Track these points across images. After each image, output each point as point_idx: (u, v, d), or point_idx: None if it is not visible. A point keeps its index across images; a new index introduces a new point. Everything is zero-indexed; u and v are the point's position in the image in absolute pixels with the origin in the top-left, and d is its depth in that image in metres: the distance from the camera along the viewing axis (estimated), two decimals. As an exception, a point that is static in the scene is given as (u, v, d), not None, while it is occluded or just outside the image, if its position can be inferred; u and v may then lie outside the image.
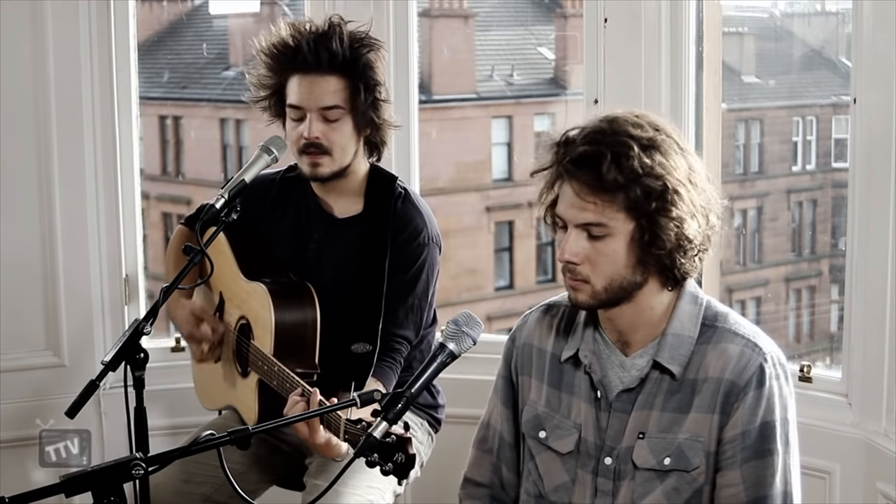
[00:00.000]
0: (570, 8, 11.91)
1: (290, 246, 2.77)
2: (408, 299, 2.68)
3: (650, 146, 1.98)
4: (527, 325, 2.24)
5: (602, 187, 1.96)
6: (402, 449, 1.88)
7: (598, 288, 2.02)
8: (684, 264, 2.02)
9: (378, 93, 2.67)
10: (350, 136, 2.66)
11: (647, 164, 1.96)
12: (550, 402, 2.16)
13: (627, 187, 1.95)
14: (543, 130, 12.38)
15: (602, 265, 2.00)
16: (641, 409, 2.06)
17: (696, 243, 2.00)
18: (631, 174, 1.95)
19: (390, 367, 2.63)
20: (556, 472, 2.14)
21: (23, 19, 3.24)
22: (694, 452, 2.02)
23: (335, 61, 2.62)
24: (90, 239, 3.35)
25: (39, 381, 3.33)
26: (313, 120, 2.63)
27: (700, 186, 2.02)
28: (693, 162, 2.03)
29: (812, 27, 9.81)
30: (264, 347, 2.63)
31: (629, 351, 2.10)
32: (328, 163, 2.65)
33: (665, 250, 1.99)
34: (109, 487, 1.76)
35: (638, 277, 2.02)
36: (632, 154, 1.96)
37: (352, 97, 2.63)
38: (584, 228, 2.00)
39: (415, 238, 2.69)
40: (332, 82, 2.63)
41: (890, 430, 2.80)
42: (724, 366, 2.02)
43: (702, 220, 2.01)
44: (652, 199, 1.96)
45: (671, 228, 1.97)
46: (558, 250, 2.05)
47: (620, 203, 1.97)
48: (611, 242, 1.99)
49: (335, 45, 2.62)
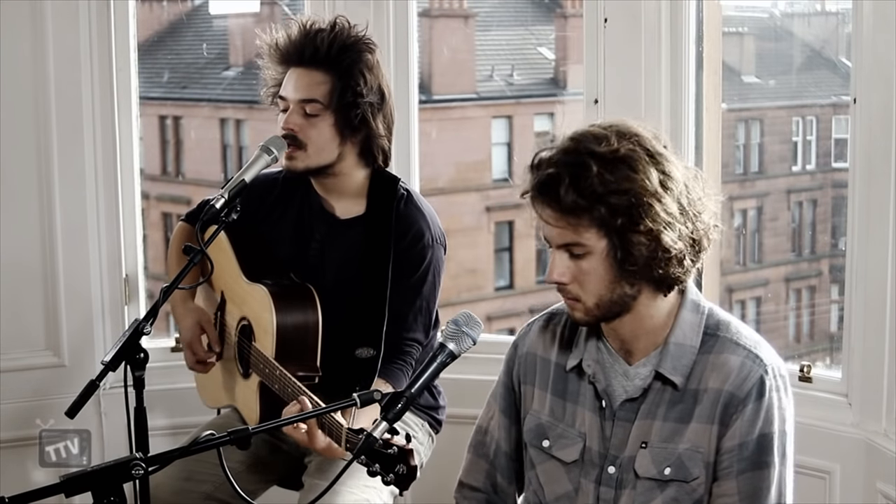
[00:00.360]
0: (570, 8, 11.91)
1: (292, 245, 2.77)
2: (415, 302, 2.67)
3: (613, 161, 1.94)
4: (530, 334, 2.24)
5: (565, 210, 1.96)
6: (403, 460, 1.88)
7: (589, 305, 2.02)
8: (669, 271, 1.99)
9: (365, 96, 2.63)
10: (330, 137, 2.64)
11: (608, 181, 1.93)
12: (554, 412, 2.16)
13: (590, 208, 1.94)
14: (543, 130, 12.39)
15: (587, 283, 2.00)
16: (644, 419, 2.06)
17: (675, 251, 1.97)
18: (591, 195, 1.93)
19: (400, 370, 2.62)
20: (558, 481, 2.13)
21: (23, 19, 3.23)
22: (694, 463, 2.02)
23: (318, 55, 2.63)
24: (90, 239, 3.35)
25: (39, 381, 3.33)
26: (292, 112, 2.64)
27: (677, 191, 1.97)
28: (669, 167, 1.98)
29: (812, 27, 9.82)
30: (265, 350, 2.62)
31: (632, 360, 2.09)
32: (302, 157, 2.64)
33: (638, 265, 1.97)
34: (109, 487, 1.76)
35: (628, 290, 2.01)
36: (589, 174, 1.93)
37: (331, 94, 2.62)
38: (565, 249, 2.00)
39: (419, 240, 2.68)
40: (315, 76, 2.64)
41: (890, 430, 2.80)
42: (725, 377, 2.02)
43: (683, 227, 1.97)
44: (618, 216, 1.94)
45: (642, 242, 1.95)
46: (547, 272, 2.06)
47: (588, 223, 1.96)
48: (591, 260, 1.98)
49: (321, 40, 2.63)
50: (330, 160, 2.67)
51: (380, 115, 2.67)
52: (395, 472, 1.87)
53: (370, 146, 2.69)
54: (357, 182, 2.73)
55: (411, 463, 1.88)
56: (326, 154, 2.66)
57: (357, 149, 2.70)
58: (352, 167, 2.71)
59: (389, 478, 1.87)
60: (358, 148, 2.70)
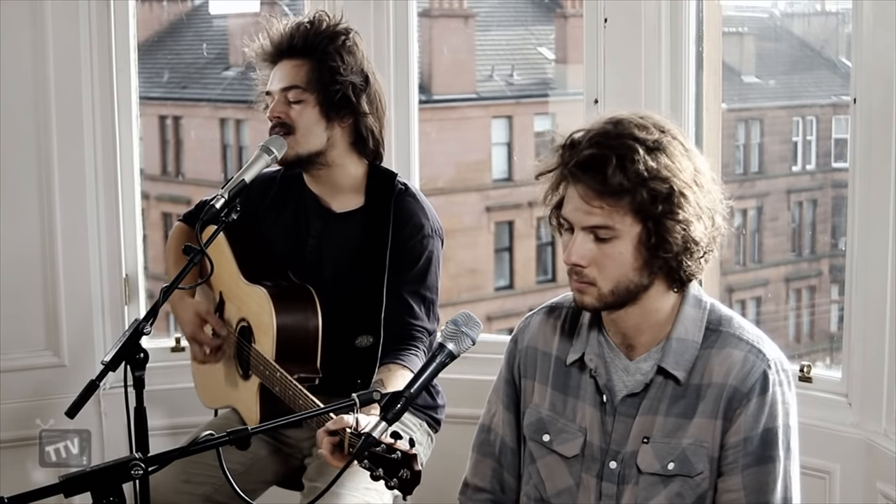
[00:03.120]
0: (570, 8, 11.93)
1: (289, 242, 2.77)
2: (420, 291, 2.69)
3: (656, 148, 1.97)
4: (529, 327, 2.23)
5: (608, 191, 1.95)
6: (407, 465, 1.87)
7: (604, 290, 2.01)
8: (690, 266, 2.01)
9: (343, 73, 2.65)
10: (316, 120, 2.66)
11: (652, 167, 1.95)
12: (555, 406, 2.15)
13: (633, 191, 1.95)
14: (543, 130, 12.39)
15: (609, 268, 1.99)
16: (646, 414, 2.06)
17: (702, 245, 2.00)
18: (637, 178, 1.94)
19: (415, 354, 2.63)
20: (559, 475, 2.13)
21: (23, 19, 3.23)
22: (698, 458, 2.02)
23: (295, 44, 2.67)
24: (90, 239, 3.34)
25: (39, 381, 3.32)
26: (277, 101, 2.67)
27: (706, 188, 2.01)
28: (698, 163, 2.02)
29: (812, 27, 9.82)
30: (265, 351, 2.62)
31: (633, 354, 2.09)
32: (291, 143, 2.65)
33: (672, 253, 1.98)
34: (108, 488, 1.76)
35: (644, 279, 2.01)
36: (637, 157, 1.95)
37: (311, 77, 2.65)
38: (590, 231, 1.99)
39: (418, 231, 2.69)
40: (294, 63, 2.67)
41: (890, 430, 2.80)
42: (728, 371, 2.02)
43: (707, 222, 2.01)
44: (658, 203, 1.95)
45: (678, 231, 1.97)
46: (564, 252, 2.05)
47: (627, 206, 1.96)
48: (618, 245, 1.98)
49: (297, 30, 2.68)
50: (320, 146, 2.68)
51: (363, 95, 2.69)
52: (399, 476, 1.87)
53: (359, 128, 2.70)
54: (353, 176, 2.74)
55: (415, 468, 1.87)
56: (315, 138, 2.67)
57: (347, 135, 2.71)
58: (343, 156, 2.72)
59: (393, 482, 1.87)
60: (348, 134, 2.71)
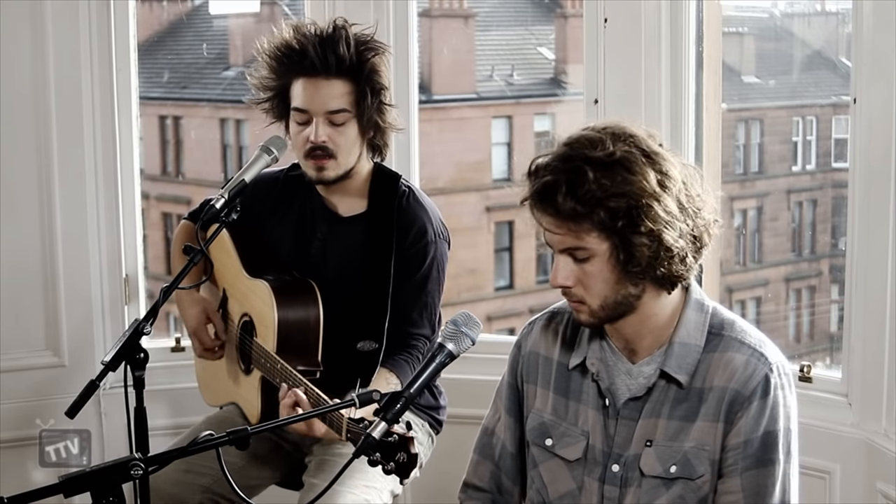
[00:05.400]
0: (570, 8, 11.92)
1: (294, 243, 2.77)
2: (421, 297, 2.69)
3: (609, 164, 1.94)
4: (532, 333, 2.24)
5: (564, 217, 1.96)
6: (404, 448, 1.88)
7: (594, 307, 2.03)
8: (672, 270, 2.00)
9: (383, 96, 2.67)
10: (355, 139, 2.67)
11: (606, 185, 1.93)
12: (557, 410, 2.16)
13: (590, 213, 1.94)
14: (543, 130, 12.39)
15: (592, 286, 2.00)
16: (649, 417, 2.06)
17: (677, 249, 1.98)
18: (590, 199, 1.93)
19: (406, 361, 2.64)
20: (562, 479, 2.13)
21: (23, 19, 3.24)
22: (699, 461, 2.03)
23: (342, 65, 2.62)
24: (90, 239, 3.35)
25: (39, 381, 3.33)
26: (319, 124, 2.63)
27: (676, 189, 1.98)
28: (666, 166, 1.98)
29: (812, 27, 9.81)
30: (267, 345, 2.63)
31: (636, 358, 2.09)
32: (333, 166, 2.65)
33: (642, 265, 1.97)
34: (108, 488, 1.76)
35: (632, 290, 2.01)
36: (586, 180, 1.93)
37: (358, 101, 2.64)
38: (568, 253, 2.00)
39: (422, 236, 2.69)
40: (339, 86, 2.63)
41: (890, 430, 2.80)
42: (730, 375, 2.02)
43: (684, 225, 1.98)
44: (619, 219, 1.94)
45: (644, 243, 1.95)
46: (551, 275, 2.06)
47: (589, 227, 1.96)
48: (595, 263, 1.99)
49: (342, 49, 2.62)
50: (354, 162, 2.70)
51: (388, 109, 2.70)
52: (396, 459, 1.88)
53: (378, 140, 2.72)
54: (360, 179, 2.75)
55: (412, 451, 1.89)
56: (352, 157, 2.69)
57: (369, 144, 2.73)
58: (362, 163, 2.73)
59: (390, 466, 1.88)
60: (369, 143, 2.72)
